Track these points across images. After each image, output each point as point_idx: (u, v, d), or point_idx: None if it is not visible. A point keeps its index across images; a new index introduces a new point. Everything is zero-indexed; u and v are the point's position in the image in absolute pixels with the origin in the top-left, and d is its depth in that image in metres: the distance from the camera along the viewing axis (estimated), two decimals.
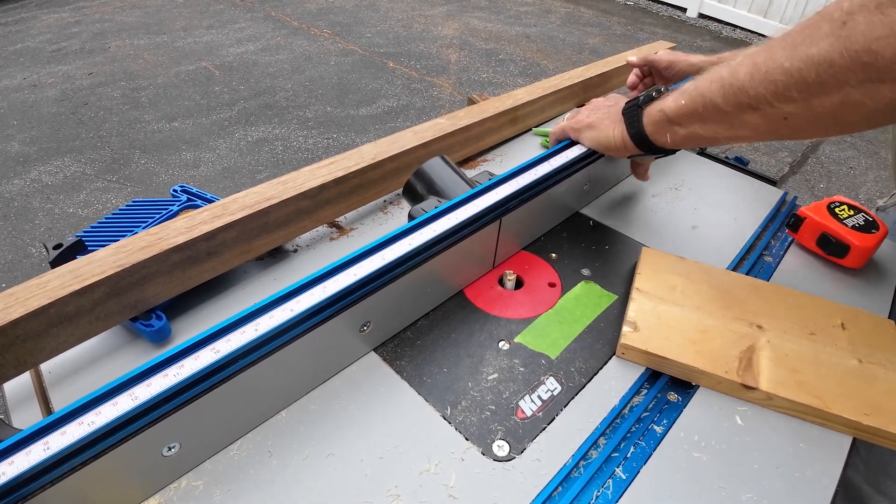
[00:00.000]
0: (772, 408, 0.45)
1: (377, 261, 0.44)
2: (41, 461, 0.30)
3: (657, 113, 0.50)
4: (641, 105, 0.52)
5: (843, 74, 0.34)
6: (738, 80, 0.41)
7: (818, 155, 2.54)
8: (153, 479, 0.37)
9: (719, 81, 0.43)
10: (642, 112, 0.52)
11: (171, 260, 0.46)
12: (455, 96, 2.76)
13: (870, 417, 0.43)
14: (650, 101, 0.52)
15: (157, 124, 2.50)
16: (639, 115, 0.52)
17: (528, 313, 0.53)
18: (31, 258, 1.79)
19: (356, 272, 0.43)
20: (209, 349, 0.36)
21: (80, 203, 2.02)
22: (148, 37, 3.38)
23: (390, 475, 0.39)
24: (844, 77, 0.34)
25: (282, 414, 0.43)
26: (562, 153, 0.60)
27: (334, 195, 0.58)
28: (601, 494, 0.39)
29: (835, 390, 0.45)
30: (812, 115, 0.38)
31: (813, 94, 0.37)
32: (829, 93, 0.36)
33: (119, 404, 0.33)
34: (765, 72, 0.39)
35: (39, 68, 2.97)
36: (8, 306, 0.39)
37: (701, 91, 0.45)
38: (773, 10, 3.71)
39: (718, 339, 0.48)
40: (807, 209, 0.62)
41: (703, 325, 0.49)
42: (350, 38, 3.43)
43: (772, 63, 0.38)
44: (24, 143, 2.35)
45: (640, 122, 0.52)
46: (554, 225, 0.64)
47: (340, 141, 2.42)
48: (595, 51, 3.43)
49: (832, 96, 0.36)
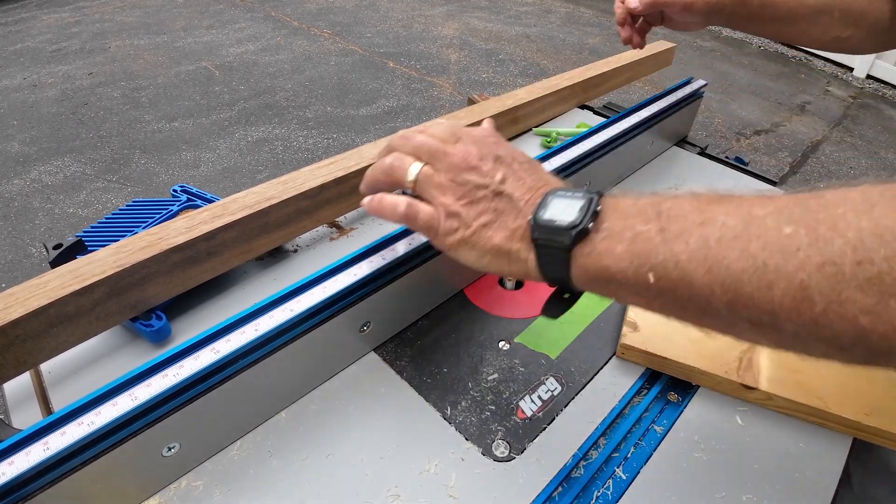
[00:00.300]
0: (772, 408, 0.45)
1: (377, 261, 0.44)
2: (41, 461, 0.30)
3: (596, 267, 0.30)
4: (569, 248, 0.30)
5: None
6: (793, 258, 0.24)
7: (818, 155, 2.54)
8: (153, 480, 0.37)
9: (736, 248, 0.26)
10: (570, 256, 0.31)
11: (171, 260, 0.46)
12: (455, 96, 2.76)
13: (870, 417, 0.43)
14: (581, 237, 0.30)
15: (157, 124, 2.50)
16: (564, 260, 0.31)
17: (528, 313, 0.53)
18: (31, 258, 1.79)
19: (356, 272, 0.43)
20: (209, 349, 0.36)
21: (80, 203, 2.02)
22: (148, 37, 3.38)
23: (390, 475, 0.39)
24: None
25: (282, 414, 0.43)
26: (561, 153, 0.60)
27: (334, 195, 0.58)
28: (601, 495, 0.39)
29: (835, 390, 0.44)
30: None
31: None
32: None
33: (119, 405, 0.33)
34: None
35: (39, 68, 2.97)
36: (8, 306, 0.39)
37: (677, 258, 0.27)
38: None
39: (718, 340, 0.48)
40: None
41: None
42: (350, 38, 3.43)
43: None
44: (24, 143, 2.35)
45: (565, 270, 0.31)
46: None
47: (340, 141, 2.42)
48: (595, 51, 3.43)
49: None
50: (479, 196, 0.34)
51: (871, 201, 0.24)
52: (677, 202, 0.30)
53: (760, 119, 2.79)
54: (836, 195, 0.25)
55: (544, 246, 0.31)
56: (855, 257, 0.23)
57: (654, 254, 0.28)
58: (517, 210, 0.33)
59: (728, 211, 0.28)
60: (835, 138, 2.69)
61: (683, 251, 0.27)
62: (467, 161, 0.35)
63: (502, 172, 0.34)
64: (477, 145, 0.36)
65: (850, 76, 3.39)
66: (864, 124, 2.85)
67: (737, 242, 0.26)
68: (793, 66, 3.49)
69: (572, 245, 0.30)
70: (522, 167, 0.35)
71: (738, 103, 2.92)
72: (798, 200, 0.26)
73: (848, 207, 0.24)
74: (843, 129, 2.79)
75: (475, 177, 0.34)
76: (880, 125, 2.86)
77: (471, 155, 0.35)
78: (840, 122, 2.84)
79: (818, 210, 0.25)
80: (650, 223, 0.29)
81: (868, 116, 2.94)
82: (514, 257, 0.33)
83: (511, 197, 0.34)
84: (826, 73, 3.42)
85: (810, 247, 0.24)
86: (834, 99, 3.10)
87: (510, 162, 0.35)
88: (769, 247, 0.25)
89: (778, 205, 0.27)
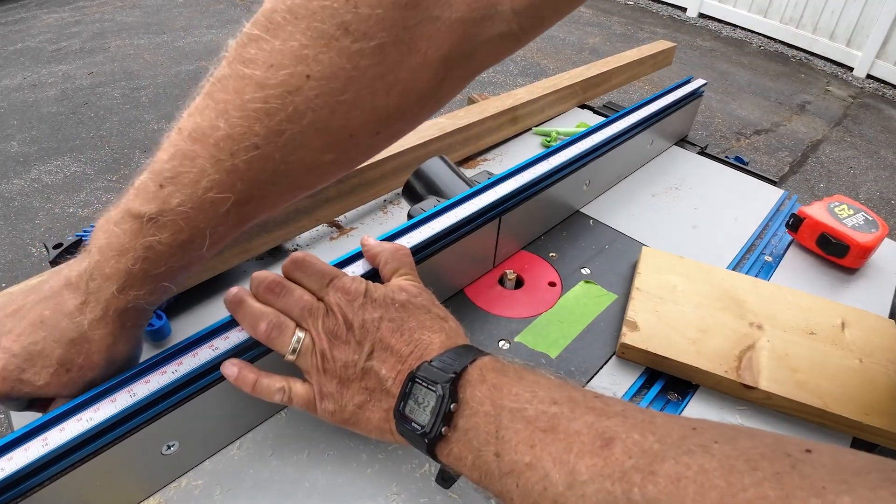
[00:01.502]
0: (772, 407, 0.45)
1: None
2: (39, 457, 0.30)
3: (455, 467, 0.30)
4: (428, 448, 0.30)
5: None
6: None
7: (818, 155, 2.54)
8: (153, 478, 0.37)
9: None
10: (434, 453, 0.31)
11: None
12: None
13: (870, 417, 0.43)
14: (437, 441, 0.30)
15: (158, 124, 2.50)
16: (430, 454, 0.31)
17: (528, 313, 0.53)
18: (31, 258, 1.79)
19: (355, 271, 0.43)
20: (208, 346, 0.36)
21: (80, 203, 2.02)
22: (148, 36, 3.38)
23: (391, 475, 0.39)
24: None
25: (282, 413, 0.43)
26: (561, 152, 0.60)
27: (334, 194, 0.58)
28: None
29: (835, 390, 0.44)
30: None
31: None
32: None
33: (117, 401, 0.33)
34: None
35: (39, 68, 2.97)
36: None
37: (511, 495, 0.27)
38: (773, 9, 3.72)
39: (718, 339, 0.48)
40: (806, 209, 0.62)
41: (703, 325, 0.49)
42: None
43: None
44: (24, 143, 2.35)
45: (434, 458, 0.31)
46: (554, 224, 0.64)
47: None
48: (595, 50, 3.43)
49: None
50: (349, 375, 0.34)
51: (709, 483, 0.21)
52: (514, 423, 0.28)
53: (760, 119, 2.79)
54: (671, 473, 0.22)
55: (409, 440, 0.32)
56: None
57: (493, 484, 0.28)
58: (385, 391, 0.33)
59: (555, 456, 0.26)
60: (835, 138, 2.69)
61: (514, 491, 0.27)
62: (336, 333, 0.34)
63: (370, 343, 0.34)
64: (343, 310, 0.35)
65: (850, 76, 3.39)
66: (864, 124, 2.85)
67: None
68: (793, 65, 3.49)
69: (432, 446, 0.30)
70: (391, 327, 0.34)
71: (738, 103, 2.92)
72: (626, 474, 0.23)
73: (675, 497, 0.21)
74: (843, 128, 2.79)
75: (343, 354, 0.34)
76: (880, 125, 2.86)
77: (338, 326, 0.34)
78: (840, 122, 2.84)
79: (639, 502, 0.22)
80: (489, 442, 0.28)
81: (868, 116, 2.94)
82: (395, 436, 0.33)
83: (378, 375, 0.33)
84: (826, 73, 3.42)
85: None
86: (834, 98, 3.10)
87: (378, 325, 0.34)
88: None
89: (607, 468, 0.24)
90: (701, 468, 0.22)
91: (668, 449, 0.23)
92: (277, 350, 0.36)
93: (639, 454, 0.24)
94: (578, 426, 0.27)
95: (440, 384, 0.30)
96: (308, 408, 0.35)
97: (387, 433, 0.34)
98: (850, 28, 3.38)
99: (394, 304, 0.35)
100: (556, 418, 0.28)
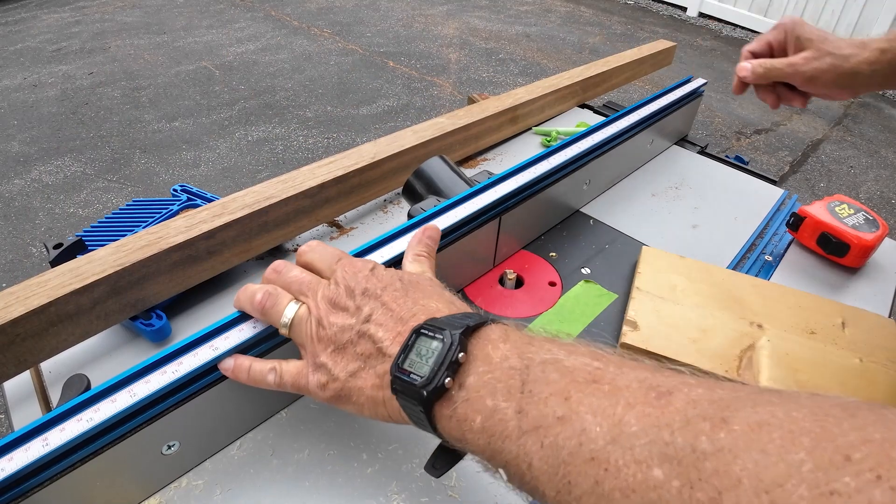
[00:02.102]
0: None
1: (376, 259, 0.44)
2: (40, 457, 0.30)
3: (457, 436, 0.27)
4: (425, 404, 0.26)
5: None
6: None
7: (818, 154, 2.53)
8: (153, 478, 0.37)
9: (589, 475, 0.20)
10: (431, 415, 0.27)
11: (171, 259, 0.46)
12: (455, 96, 2.76)
13: None
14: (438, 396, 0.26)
15: (158, 124, 2.50)
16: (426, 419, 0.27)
17: (528, 312, 0.53)
18: (32, 258, 1.79)
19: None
20: (208, 346, 0.36)
21: (80, 203, 2.02)
22: (148, 37, 3.38)
23: (391, 474, 0.39)
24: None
25: (282, 413, 0.43)
26: (561, 151, 0.60)
27: (334, 194, 0.58)
28: None
29: (835, 390, 0.44)
30: None
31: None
32: None
33: (118, 401, 0.33)
34: None
35: (40, 68, 2.97)
36: (8, 305, 0.39)
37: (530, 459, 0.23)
38: (774, 9, 3.71)
39: (718, 338, 0.48)
40: (807, 208, 0.62)
41: (704, 325, 0.49)
42: (350, 38, 3.43)
43: None
44: (25, 143, 2.35)
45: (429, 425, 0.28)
46: (554, 224, 0.64)
47: (341, 140, 2.42)
48: (595, 50, 3.43)
49: None
50: (345, 340, 0.31)
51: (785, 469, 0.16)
52: (546, 373, 0.24)
53: (760, 118, 2.79)
54: (746, 437, 0.18)
55: (404, 400, 0.27)
56: None
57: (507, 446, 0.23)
58: (381, 353, 0.29)
59: (596, 409, 0.21)
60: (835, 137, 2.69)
61: (536, 455, 0.22)
62: (335, 301, 0.32)
63: (369, 307, 0.31)
64: (347, 280, 0.33)
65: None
66: (865, 123, 2.85)
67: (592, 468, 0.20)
68: None
69: (430, 403, 0.26)
70: (395, 294, 0.31)
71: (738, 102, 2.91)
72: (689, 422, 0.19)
73: (749, 469, 0.17)
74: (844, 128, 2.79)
75: (340, 318, 0.31)
76: (880, 124, 2.86)
77: (339, 294, 0.32)
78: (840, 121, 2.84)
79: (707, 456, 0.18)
80: (511, 397, 0.24)
81: (868, 115, 2.94)
82: (388, 406, 0.29)
83: (374, 338, 0.30)
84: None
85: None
86: None
87: (380, 293, 0.31)
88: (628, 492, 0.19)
89: (660, 417, 0.20)
90: (787, 414, 0.18)
91: (742, 399, 0.19)
92: (272, 323, 0.35)
93: (706, 403, 0.19)
94: (627, 380, 0.22)
95: (448, 331, 0.26)
96: (298, 383, 0.33)
97: (379, 405, 0.29)
98: (851, 27, 3.38)
99: (400, 280, 0.33)
100: (599, 371, 0.23)
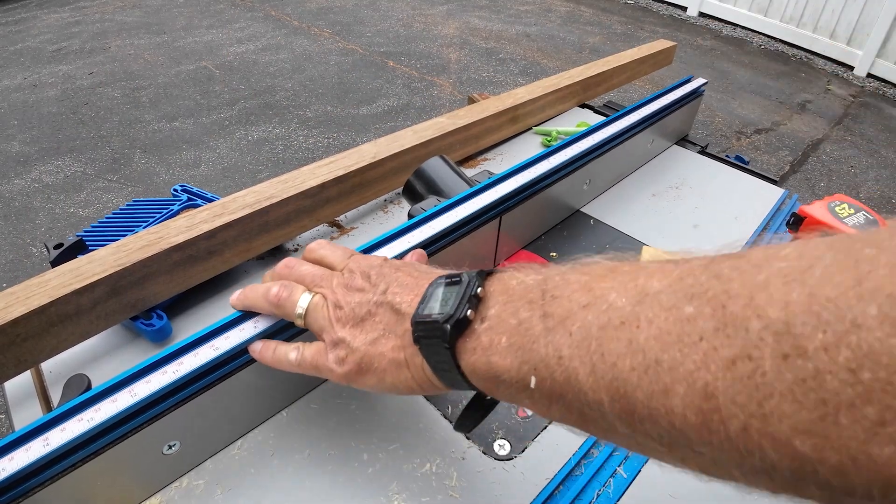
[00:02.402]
0: None
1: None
2: (40, 457, 0.30)
3: (483, 366, 0.26)
4: (449, 339, 0.26)
5: None
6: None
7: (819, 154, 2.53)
8: (154, 478, 0.37)
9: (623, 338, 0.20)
10: (455, 353, 0.27)
11: (172, 259, 0.46)
12: (455, 95, 2.76)
13: None
14: (461, 329, 0.26)
15: (158, 124, 2.50)
16: (449, 358, 0.27)
17: None
18: (32, 258, 1.79)
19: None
20: (208, 346, 0.36)
21: (80, 203, 2.02)
22: (148, 36, 3.38)
23: (391, 474, 0.39)
24: None
25: (283, 413, 0.43)
26: (561, 151, 0.60)
27: (334, 194, 0.58)
28: (602, 493, 0.39)
29: None
30: None
31: None
32: None
33: (118, 401, 0.33)
34: None
35: (40, 68, 2.97)
36: (8, 305, 0.39)
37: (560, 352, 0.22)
38: (774, 8, 3.71)
39: None
40: (807, 208, 0.62)
41: None
42: (350, 38, 3.43)
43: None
44: (25, 143, 2.35)
45: (456, 370, 0.27)
46: (554, 224, 0.64)
47: (341, 140, 2.42)
48: (595, 50, 3.43)
49: None
50: (362, 314, 0.31)
51: (807, 261, 0.17)
52: (565, 277, 0.25)
53: (761, 118, 2.79)
54: (762, 254, 0.18)
55: (427, 345, 0.27)
56: (779, 348, 0.16)
57: (535, 348, 0.23)
58: (401, 315, 0.30)
59: (618, 286, 0.22)
60: (835, 137, 2.69)
61: (566, 344, 0.22)
62: (351, 284, 0.33)
63: (384, 282, 0.32)
64: (361, 267, 0.34)
65: (850, 75, 3.38)
66: (865, 123, 2.85)
67: (623, 331, 0.20)
68: (793, 64, 3.49)
69: (453, 339, 0.26)
70: (408, 271, 0.32)
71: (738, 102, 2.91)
72: (708, 265, 0.20)
73: (773, 271, 0.17)
74: (844, 127, 2.78)
75: (357, 297, 0.32)
76: (881, 124, 2.85)
77: (354, 279, 0.33)
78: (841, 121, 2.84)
79: (732, 278, 0.18)
80: (534, 307, 0.24)
81: (869, 115, 2.93)
82: (410, 364, 0.29)
83: (393, 303, 0.30)
84: (827, 72, 3.41)
85: (716, 334, 0.17)
86: (834, 98, 3.10)
87: (394, 272, 0.32)
88: (663, 336, 0.19)
89: (681, 272, 0.20)
90: (816, 247, 0.17)
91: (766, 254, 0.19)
92: (287, 315, 0.35)
93: (722, 255, 0.20)
94: (645, 264, 0.23)
95: (465, 274, 0.27)
96: (317, 362, 0.33)
97: (402, 367, 0.29)
98: (851, 27, 3.38)
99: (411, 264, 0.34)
100: (617, 265, 0.24)
